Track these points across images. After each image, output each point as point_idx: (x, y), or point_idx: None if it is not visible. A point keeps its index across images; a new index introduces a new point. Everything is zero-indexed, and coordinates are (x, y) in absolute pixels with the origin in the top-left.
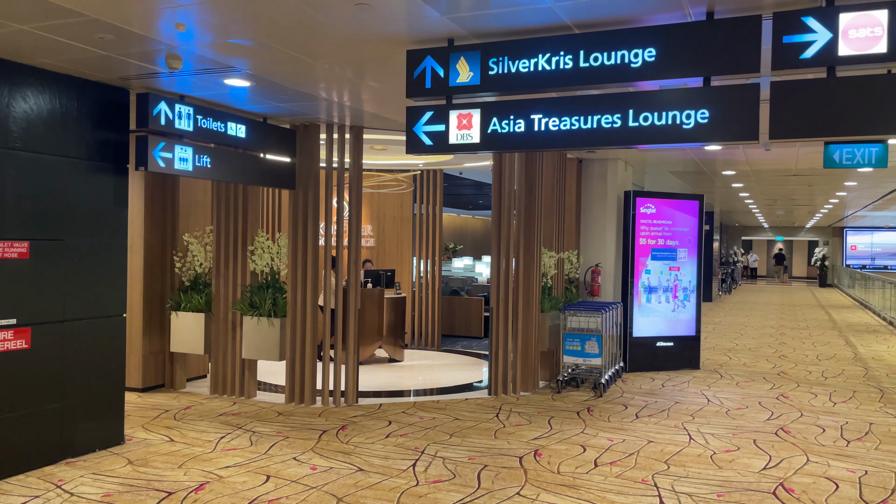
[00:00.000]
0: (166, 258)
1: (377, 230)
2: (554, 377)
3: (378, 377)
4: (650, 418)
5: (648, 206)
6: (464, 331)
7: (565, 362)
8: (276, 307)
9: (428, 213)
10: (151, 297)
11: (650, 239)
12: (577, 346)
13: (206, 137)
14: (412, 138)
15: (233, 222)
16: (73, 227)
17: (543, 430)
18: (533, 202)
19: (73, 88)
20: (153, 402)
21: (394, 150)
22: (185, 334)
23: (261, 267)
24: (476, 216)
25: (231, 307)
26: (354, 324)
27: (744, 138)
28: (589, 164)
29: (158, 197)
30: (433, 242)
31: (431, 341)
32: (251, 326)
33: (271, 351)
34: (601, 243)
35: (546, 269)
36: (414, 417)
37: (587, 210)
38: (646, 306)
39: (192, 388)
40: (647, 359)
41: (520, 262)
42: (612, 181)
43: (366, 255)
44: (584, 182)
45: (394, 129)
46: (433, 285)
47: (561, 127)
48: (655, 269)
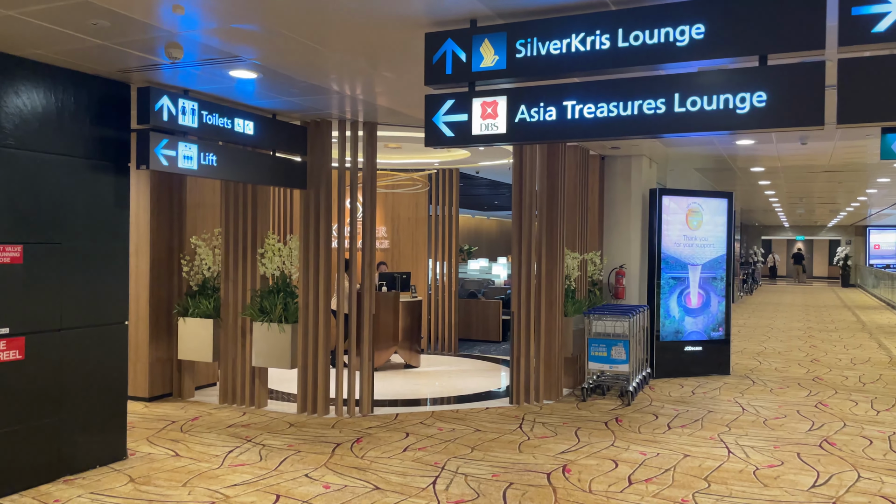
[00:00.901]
0: (174, 262)
1: (392, 231)
2: (578, 384)
3: (394, 384)
4: (683, 429)
5: (675, 204)
6: (481, 335)
7: (590, 369)
8: (287, 312)
9: (444, 214)
10: (158, 303)
11: (677, 238)
12: (602, 351)
13: (211, 134)
14: (431, 130)
15: (242, 224)
16: (71, 230)
17: (571, 442)
18: (555, 201)
19: (70, 82)
20: (160, 413)
21: (409, 148)
22: (193, 341)
23: (271, 270)
24: (491, 217)
25: (240, 313)
26: (369, 329)
27: (807, 123)
28: (612, 161)
29: (165, 198)
30: (449, 244)
31: (448, 346)
32: (261, 333)
33: (282, 358)
34: (625, 243)
35: (569, 270)
36: (432, 429)
37: (611, 209)
38: (673, 309)
39: (200, 397)
40: (675, 364)
41: (542, 263)
42: (636, 179)
43: (380, 258)
44: (608, 180)
45: (409, 126)
46: (450, 288)
47: (597, 114)
48: (682, 269)
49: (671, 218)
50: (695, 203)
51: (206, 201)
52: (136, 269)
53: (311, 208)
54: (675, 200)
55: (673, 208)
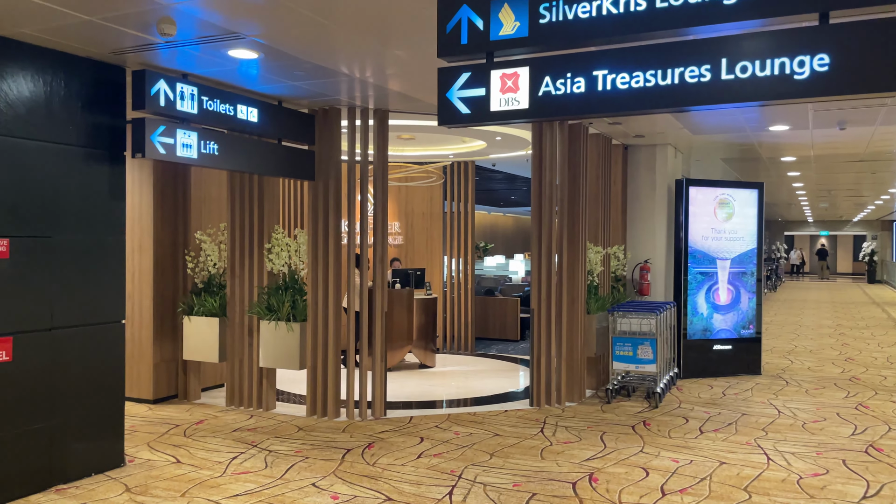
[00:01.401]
0: (178, 258)
1: (405, 227)
2: (601, 385)
3: (408, 385)
4: (716, 433)
5: (703, 196)
6: (499, 333)
7: (615, 369)
8: (295, 310)
9: (459, 208)
10: (163, 301)
11: (705, 231)
12: (628, 351)
13: (212, 121)
14: (445, 107)
15: (248, 218)
16: (62, 223)
17: (596, 448)
18: (577, 192)
19: (60, 65)
20: (163, 416)
21: (422, 139)
22: (199, 341)
23: (278, 266)
24: (507, 214)
25: (247, 311)
26: (381, 328)
27: (878, 89)
28: (636, 150)
29: (169, 192)
30: (465, 239)
31: (465, 345)
32: (269, 332)
33: (291, 359)
34: (650, 237)
35: (591, 265)
36: (448, 433)
37: (634, 201)
38: (701, 305)
39: (207, 399)
40: (703, 363)
41: (563, 258)
42: (661, 169)
43: (394, 254)
44: (631, 170)
45: (422, 113)
46: (466, 285)
47: (632, 84)
48: (711, 264)
49: (699, 210)
50: (724, 194)
51: (212, 195)
52: (139, 266)
53: (319, 200)
54: (702, 191)
55: (700, 200)
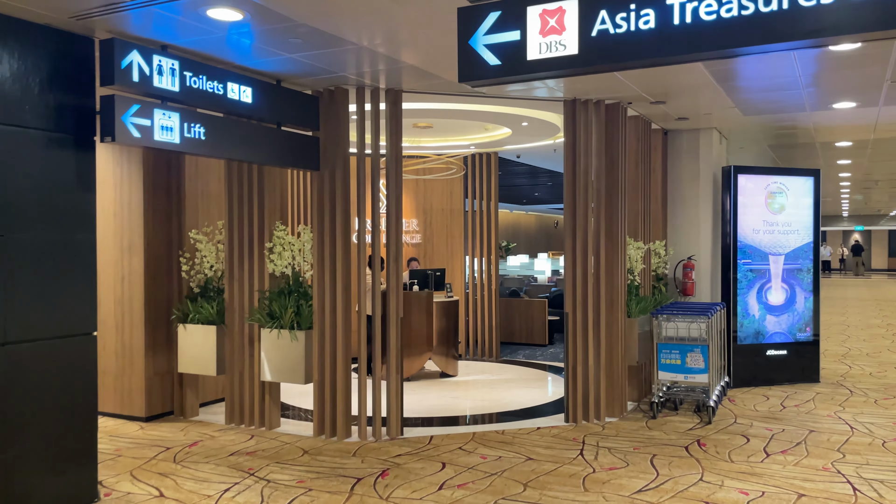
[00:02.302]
0: (173, 260)
1: (424, 224)
2: (641, 397)
3: (428, 398)
4: (785, 455)
5: (753, 184)
6: (525, 338)
7: (660, 379)
8: (300, 317)
9: (482, 204)
10: (156, 307)
11: (755, 224)
12: (675, 358)
13: (198, 101)
14: (468, 58)
15: (247, 214)
16: (18, 219)
17: (647, 475)
18: (615, 182)
19: (12, 33)
20: (155, 436)
21: (441, 128)
22: (194, 351)
23: (281, 268)
24: (530, 212)
25: (246, 318)
26: (397, 335)
27: None
28: (677, 136)
29: (162, 185)
30: (488, 236)
31: (489, 351)
32: (271, 341)
33: (295, 371)
34: (693, 231)
35: (632, 263)
36: (474, 457)
37: (675, 192)
38: (752, 306)
39: (205, 416)
40: (754, 371)
41: (600, 255)
42: (705, 156)
43: (411, 253)
44: (671, 158)
45: (441, 94)
46: (489, 286)
47: (721, 13)
48: (762, 260)
49: (748, 200)
50: (776, 183)
51: (210, 190)
52: (128, 269)
53: (325, 193)
54: (752, 180)
55: (750, 189)
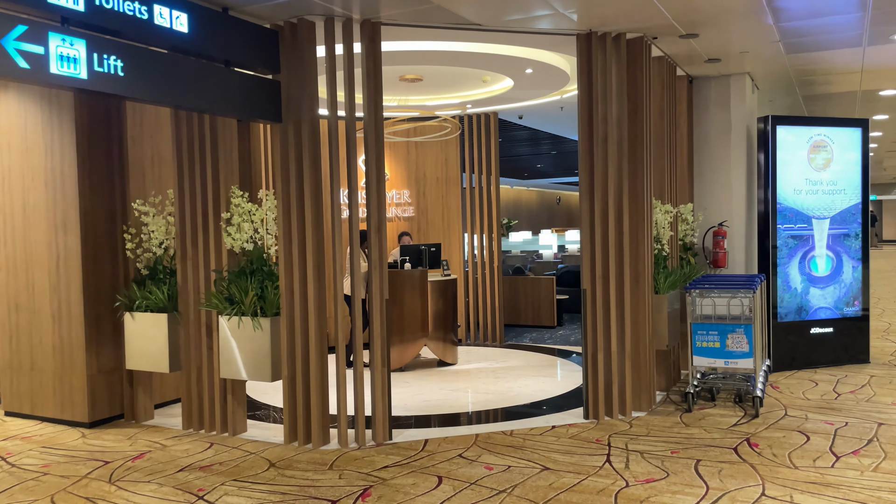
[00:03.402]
0: (117, 236)
1: (416, 195)
2: (670, 385)
3: (423, 391)
4: (859, 458)
5: (794, 137)
6: (531, 319)
7: (695, 366)
8: (264, 302)
9: (481, 175)
10: (98, 293)
11: (797, 183)
12: (713, 341)
13: (113, 25)
14: None
15: (200, 178)
16: None
17: (695, 489)
18: (639, 130)
19: None
20: (96, 447)
21: (433, 82)
22: (144, 344)
23: (240, 243)
24: (531, 188)
25: (199, 304)
26: (381, 320)
27: None
28: (704, 84)
29: (100, 149)
30: (489, 208)
31: (492, 335)
32: (230, 331)
33: (260, 367)
34: (724, 193)
35: (659, 230)
36: (478, 467)
37: (703, 148)
38: (794, 278)
39: (161, 419)
40: (796, 351)
41: (623, 220)
42: (737, 106)
43: (403, 227)
44: (698, 110)
45: (429, 25)
46: (491, 263)
47: None
48: (805, 224)
49: (789, 156)
50: (819, 135)
51: (162, 153)
52: (63, 249)
53: (290, 151)
54: (793, 132)
55: (791, 143)
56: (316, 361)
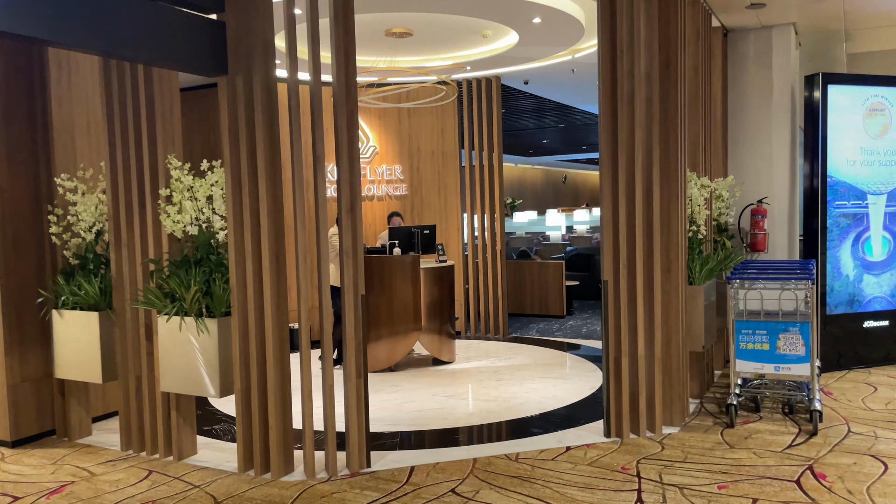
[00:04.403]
0: (42, 219)
1: (410, 171)
2: (703, 391)
3: (413, 398)
4: None
5: (847, 99)
6: (538, 308)
7: (739, 371)
8: (211, 298)
9: (482, 141)
10: (20, 287)
11: (850, 153)
12: (760, 342)
13: None
14: None
15: (135, 148)
16: None
17: None
18: (672, 88)
19: None
20: (13, 473)
21: (425, 36)
22: (74, 348)
23: (182, 226)
24: (536, 166)
25: (132, 301)
26: (357, 321)
27: None
28: (741, 37)
29: (19, 114)
30: (491, 184)
31: (495, 326)
32: (170, 334)
33: (205, 378)
34: (764, 165)
35: (694, 208)
36: None
37: (739, 112)
38: (846, 264)
39: (100, 436)
40: (842, 347)
41: (653, 197)
42: (780, 63)
43: (395, 207)
44: (734, 68)
45: None
46: (493, 247)
47: None
48: (860, 201)
49: (841, 121)
50: (877, 97)
51: (98, 119)
52: None
53: (239, 113)
54: (847, 93)
55: (844, 105)
56: (275, 371)
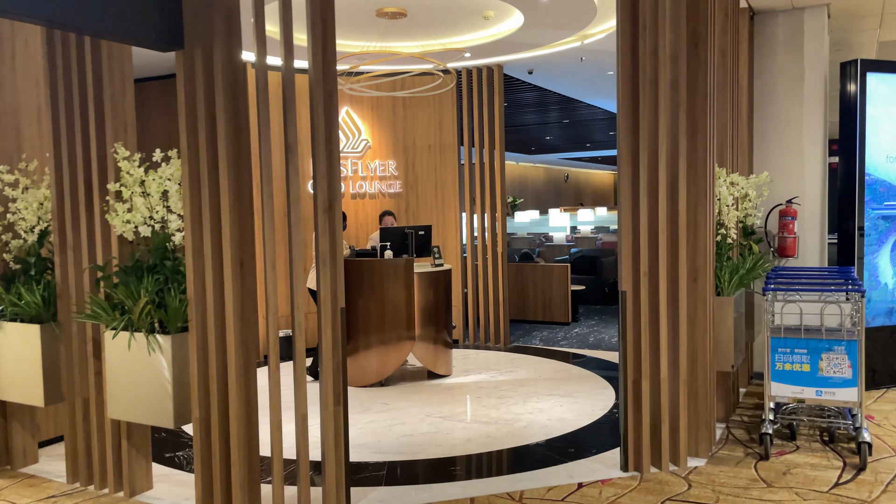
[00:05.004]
0: None
1: (405, 167)
2: (729, 412)
3: (403, 418)
4: None
5: (889, 89)
6: (542, 314)
7: (775, 395)
8: (164, 311)
9: (483, 135)
10: None
11: (890, 148)
12: (801, 363)
13: None
14: None
15: (82, 136)
16: None
17: None
18: (702, 70)
19: None
20: None
21: (420, 18)
22: (14, 365)
23: (131, 227)
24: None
25: (75, 314)
26: (336, 339)
27: None
28: (769, 20)
29: None
30: (492, 181)
31: (495, 335)
32: (119, 352)
33: (158, 404)
34: (794, 161)
35: (722, 209)
36: None
37: (766, 103)
38: (884, 271)
39: (47, 465)
40: (878, 363)
41: (679, 196)
42: (812, 49)
43: (389, 206)
44: (761, 54)
45: None
46: (494, 249)
47: None
48: None
49: (880, 112)
50: None
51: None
52: None
53: (198, 93)
54: (887, 82)
55: (883, 95)
56: (239, 396)
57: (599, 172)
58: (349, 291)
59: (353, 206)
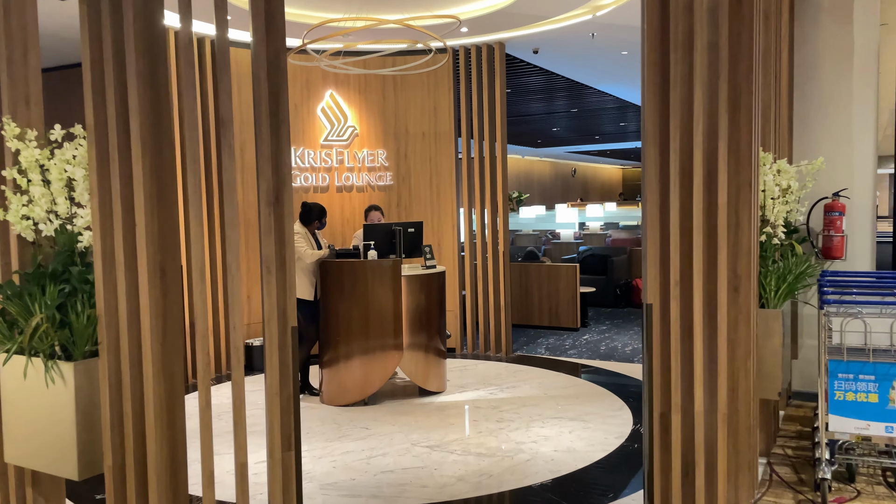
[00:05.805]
0: None
1: (396, 157)
2: (770, 444)
3: (384, 447)
4: None
5: None
6: (548, 319)
7: (834, 430)
8: (68, 331)
9: (482, 122)
10: None
11: None
12: (867, 392)
13: None
14: None
15: None
16: None
17: None
18: (745, 30)
19: None
20: None
21: None
22: None
23: (28, 224)
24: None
25: None
26: (287, 362)
27: None
28: None
29: None
30: (493, 172)
31: (496, 343)
32: (15, 381)
33: (60, 449)
34: (842, 148)
35: (767, 203)
36: None
37: (809, 81)
38: None
39: None
40: None
41: (717, 187)
42: (863, 17)
43: (378, 200)
44: (802, 23)
45: None
46: (495, 248)
47: None
48: None
49: None
50: None
51: None
52: None
53: (106, 53)
54: None
55: None
56: (160, 438)
57: (607, 167)
58: (327, 297)
59: (339, 200)
